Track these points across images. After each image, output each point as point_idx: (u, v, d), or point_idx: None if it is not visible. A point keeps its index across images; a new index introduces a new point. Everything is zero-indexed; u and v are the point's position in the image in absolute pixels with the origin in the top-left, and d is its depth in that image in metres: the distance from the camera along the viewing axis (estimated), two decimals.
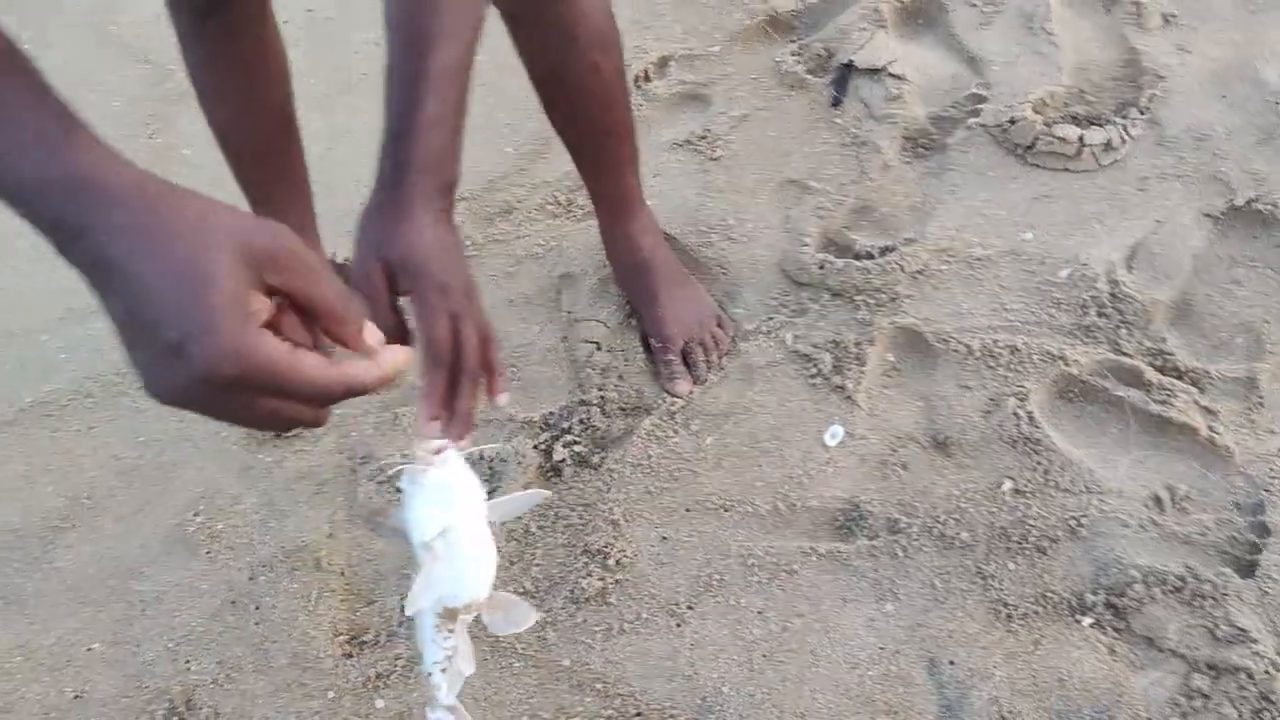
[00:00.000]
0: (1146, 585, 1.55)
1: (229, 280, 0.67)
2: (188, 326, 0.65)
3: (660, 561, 1.69)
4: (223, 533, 1.84)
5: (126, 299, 0.67)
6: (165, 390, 0.68)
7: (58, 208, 0.66)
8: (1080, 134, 2.07)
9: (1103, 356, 1.78)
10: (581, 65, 1.61)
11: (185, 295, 0.65)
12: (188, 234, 0.67)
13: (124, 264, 0.66)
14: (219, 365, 0.66)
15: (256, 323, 0.69)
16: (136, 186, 0.68)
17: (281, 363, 0.69)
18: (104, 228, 0.66)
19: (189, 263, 0.66)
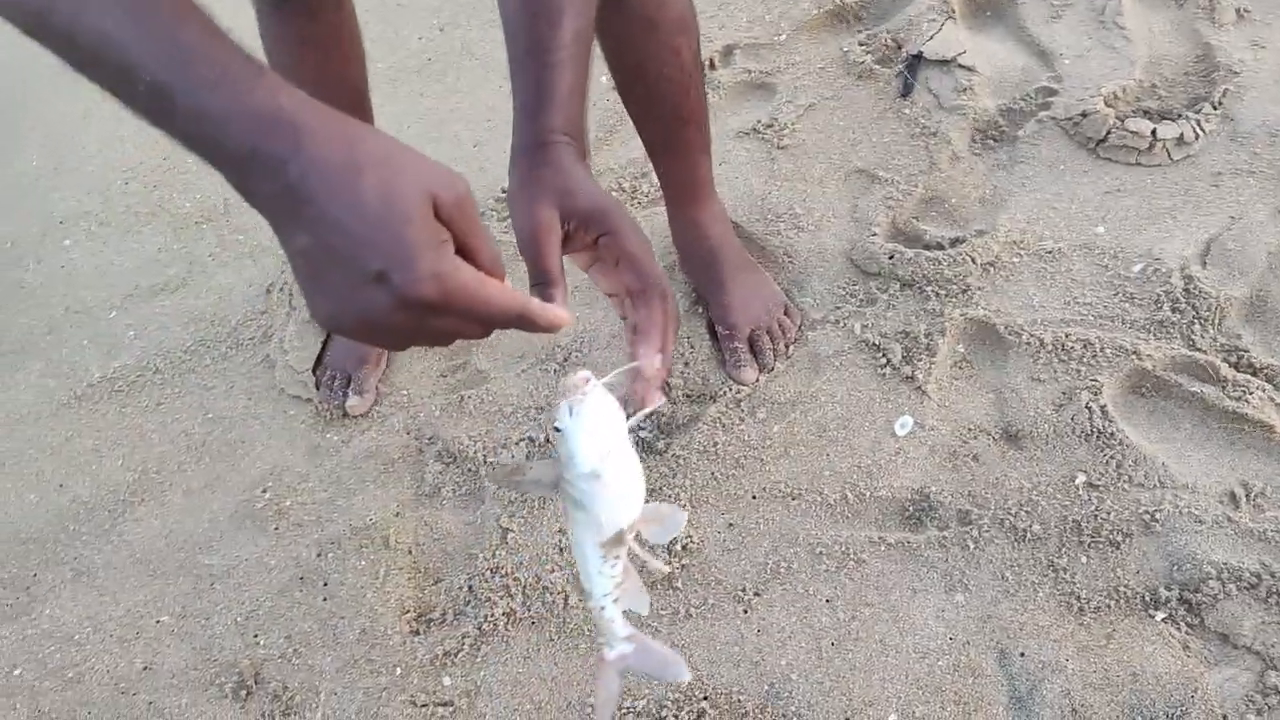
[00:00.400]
0: (1221, 581, 1.53)
1: (424, 214, 0.72)
2: (391, 257, 0.70)
3: (727, 548, 1.69)
4: (290, 509, 1.85)
5: (321, 231, 0.70)
6: (352, 316, 0.73)
7: (253, 140, 0.69)
8: (1153, 128, 2.05)
9: (1176, 352, 1.76)
10: (664, 52, 1.61)
11: (386, 228, 0.70)
12: (384, 171, 0.71)
13: (321, 197, 0.69)
14: (421, 291, 0.71)
15: (449, 251, 0.74)
16: (332, 123, 0.71)
17: (473, 287, 0.74)
18: (302, 160, 0.69)
19: (387, 199, 0.70)
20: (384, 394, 1.97)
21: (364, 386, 1.94)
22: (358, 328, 0.74)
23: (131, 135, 2.58)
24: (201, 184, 2.44)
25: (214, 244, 2.30)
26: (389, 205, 0.70)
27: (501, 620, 1.65)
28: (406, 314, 0.72)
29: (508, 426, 1.87)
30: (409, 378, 1.98)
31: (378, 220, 0.70)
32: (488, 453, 1.83)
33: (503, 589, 1.68)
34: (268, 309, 2.13)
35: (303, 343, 2.01)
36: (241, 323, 2.13)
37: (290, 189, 0.70)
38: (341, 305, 0.73)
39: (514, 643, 1.64)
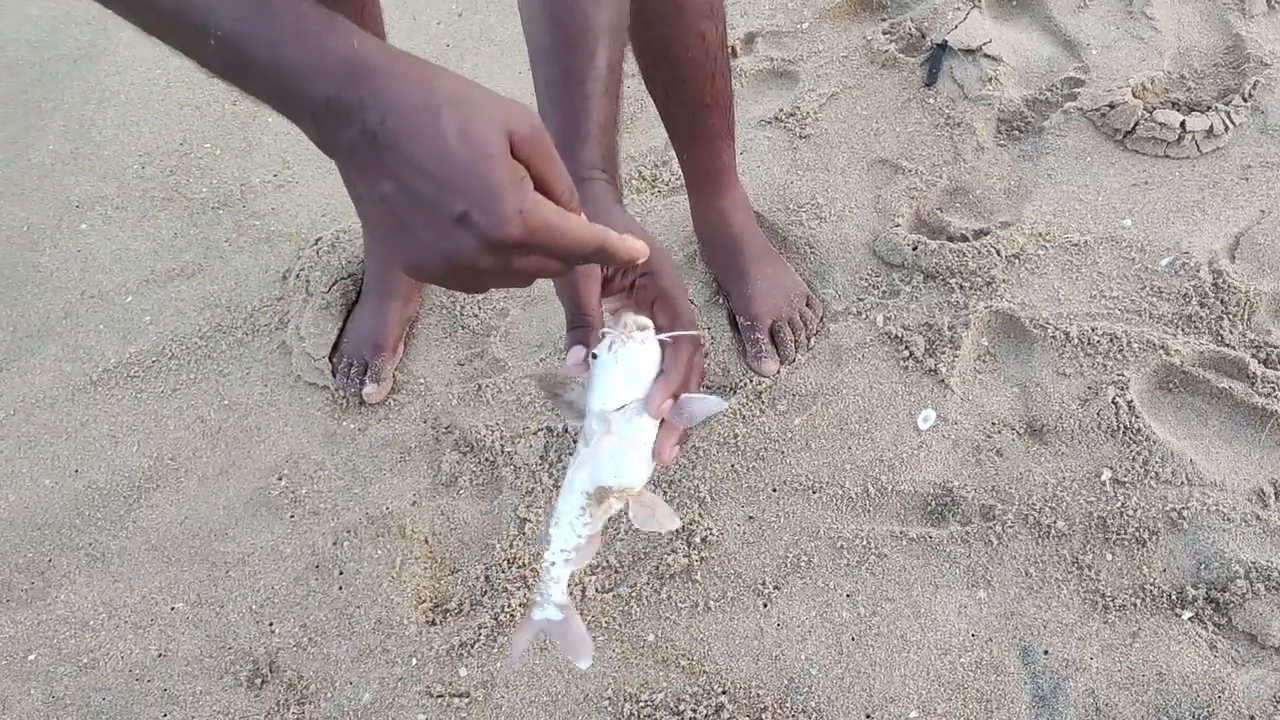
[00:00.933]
0: (1249, 581, 1.51)
1: (503, 152, 0.72)
2: (474, 198, 0.70)
3: (746, 541, 1.68)
4: (306, 497, 1.84)
5: (403, 175, 0.70)
6: (439, 260, 0.73)
7: (332, 87, 0.69)
8: (1182, 120, 2.02)
9: (1205, 347, 1.73)
10: (690, 36, 1.59)
11: (468, 169, 0.70)
12: (462, 110, 0.71)
13: (404, 141, 0.70)
14: (507, 229, 0.71)
15: (530, 189, 0.74)
16: (408, 67, 0.72)
17: (555, 222, 0.75)
18: (381, 105, 0.70)
19: (467, 139, 0.70)
20: (401, 382, 1.95)
21: (381, 374, 1.92)
22: (444, 271, 0.74)
23: (149, 120, 2.57)
24: (218, 169, 2.43)
25: (230, 229, 2.29)
26: (469, 145, 0.70)
27: (518, 611, 1.63)
28: (493, 254, 0.72)
29: (526, 416, 1.86)
30: (426, 365, 1.97)
31: (459, 161, 0.70)
32: (505, 443, 1.81)
33: (519, 580, 1.67)
34: (284, 295, 2.11)
35: (319, 329, 2.00)
36: (258, 309, 2.11)
37: (370, 135, 0.70)
38: (427, 250, 0.73)
39: None
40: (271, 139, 2.47)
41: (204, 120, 2.53)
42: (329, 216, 2.23)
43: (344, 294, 2.04)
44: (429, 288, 2.07)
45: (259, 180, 2.38)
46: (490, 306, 2.02)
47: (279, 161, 2.41)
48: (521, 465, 1.78)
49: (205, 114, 2.55)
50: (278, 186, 2.36)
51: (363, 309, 2.01)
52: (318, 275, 2.07)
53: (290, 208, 2.30)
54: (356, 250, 2.08)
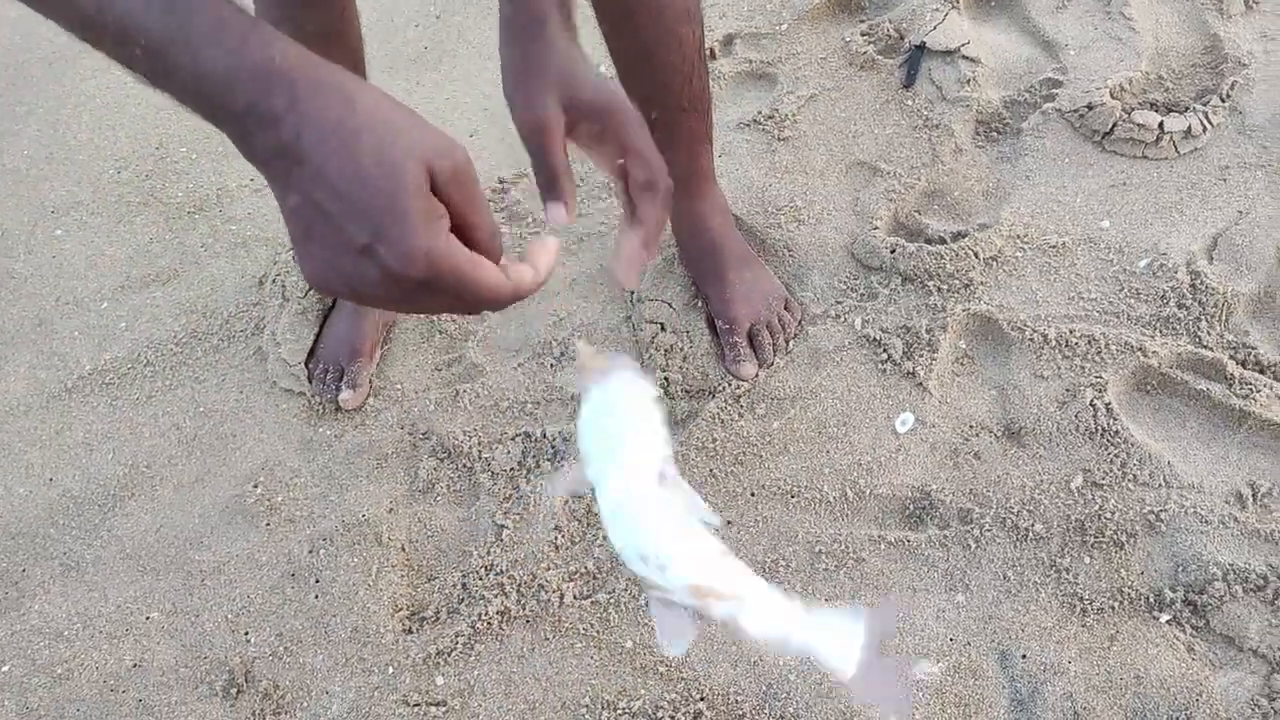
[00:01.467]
0: (1227, 583, 1.51)
1: (419, 187, 0.68)
2: (381, 229, 0.67)
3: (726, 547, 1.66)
4: (282, 505, 1.83)
5: (313, 192, 0.68)
6: (339, 282, 0.70)
7: (250, 96, 0.67)
8: (1160, 121, 2.02)
9: (1183, 349, 1.73)
10: (668, 38, 1.58)
11: (379, 197, 0.67)
12: (382, 135, 0.68)
13: (316, 158, 0.67)
14: (409, 268, 0.68)
15: (444, 229, 0.70)
16: (332, 81, 0.69)
17: (465, 270, 0.71)
18: (298, 118, 0.67)
19: (382, 165, 0.67)
20: (377, 388, 1.94)
21: (357, 380, 1.91)
22: (346, 294, 0.72)
23: (124, 124, 2.55)
24: (194, 173, 2.41)
25: (206, 234, 2.27)
26: (383, 173, 0.67)
27: (496, 619, 1.63)
28: (395, 288, 0.70)
29: (504, 421, 1.85)
30: (403, 371, 1.96)
31: (370, 189, 0.67)
32: (483, 449, 1.80)
33: (497, 587, 1.65)
34: (260, 300, 2.10)
35: (295, 335, 1.98)
36: (234, 315, 2.10)
37: (285, 147, 0.68)
38: (328, 270, 0.70)
39: (508, 641, 1.62)
40: None
41: (180, 124, 2.51)
42: None
43: (320, 299, 2.03)
44: None
45: (235, 184, 2.36)
46: None
47: None
48: (499, 471, 1.77)
49: (181, 118, 2.52)
50: (254, 191, 2.34)
51: (339, 314, 1.99)
52: (294, 280, 2.05)
53: (267, 212, 2.29)
54: None
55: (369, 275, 0.69)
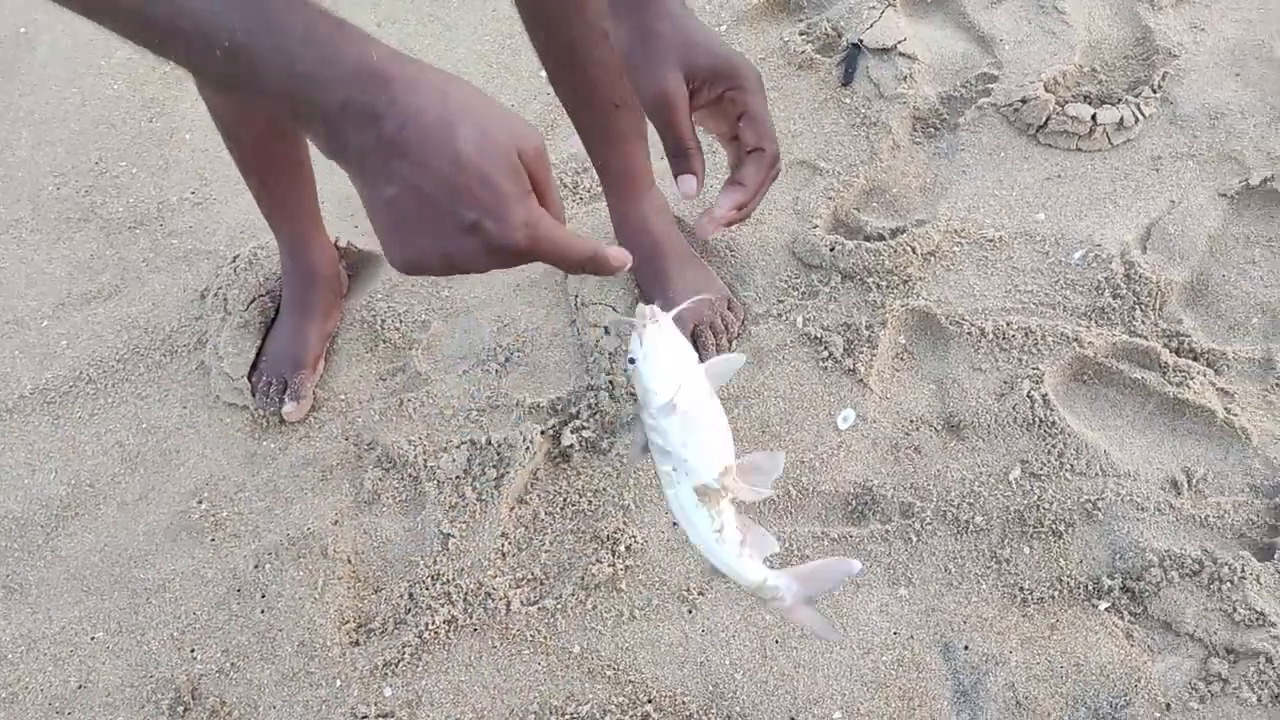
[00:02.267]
0: (1164, 569, 1.53)
1: (515, 166, 0.75)
2: (486, 208, 0.74)
3: (671, 547, 1.67)
4: (227, 520, 1.82)
5: (418, 182, 0.73)
6: (439, 260, 0.76)
7: (347, 93, 0.71)
8: (1093, 113, 2.04)
9: (1118, 338, 1.76)
10: (594, 34, 1.58)
11: (482, 181, 0.73)
12: (477, 124, 0.74)
13: (419, 150, 0.72)
14: (515, 239, 0.75)
15: (535, 202, 0.77)
16: (421, 74, 0.74)
17: (558, 237, 0.78)
18: (400, 114, 0.72)
19: (482, 152, 0.73)
20: (321, 399, 1.93)
21: (300, 392, 1.90)
22: (441, 269, 0.77)
23: (64, 139, 2.52)
24: (135, 187, 2.39)
25: (148, 249, 2.25)
26: (483, 157, 0.73)
27: (443, 628, 1.62)
28: (494, 259, 0.76)
29: (449, 430, 1.84)
30: (347, 382, 1.95)
31: (473, 172, 0.73)
32: (428, 457, 1.80)
33: (444, 596, 1.65)
34: (202, 314, 2.08)
35: (238, 349, 1.97)
36: (176, 329, 2.08)
37: (385, 142, 0.72)
38: (430, 253, 0.76)
39: (456, 650, 1.62)
40: (189, 156, 2.43)
41: (120, 138, 2.49)
42: (247, 233, 2.20)
43: (262, 311, 2.02)
44: (349, 303, 2.05)
45: (176, 198, 2.34)
46: (411, 320, 2.01)
47: (196, 178, 2.37)
48: (444, 480, 1.77)
49: (121, 132, 2.50)
50: (195, 204, 2.32)
51: (281, 326, 1.98)
52: (235, 293, 2.04)
53: (208, 225, 2.27)
54: (274, 266, 2.05)
55: (473, 250, 0.75)
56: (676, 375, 0.89)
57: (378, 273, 2.09)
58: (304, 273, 1.97)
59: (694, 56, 0.97)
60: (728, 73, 0.98)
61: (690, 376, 0.90)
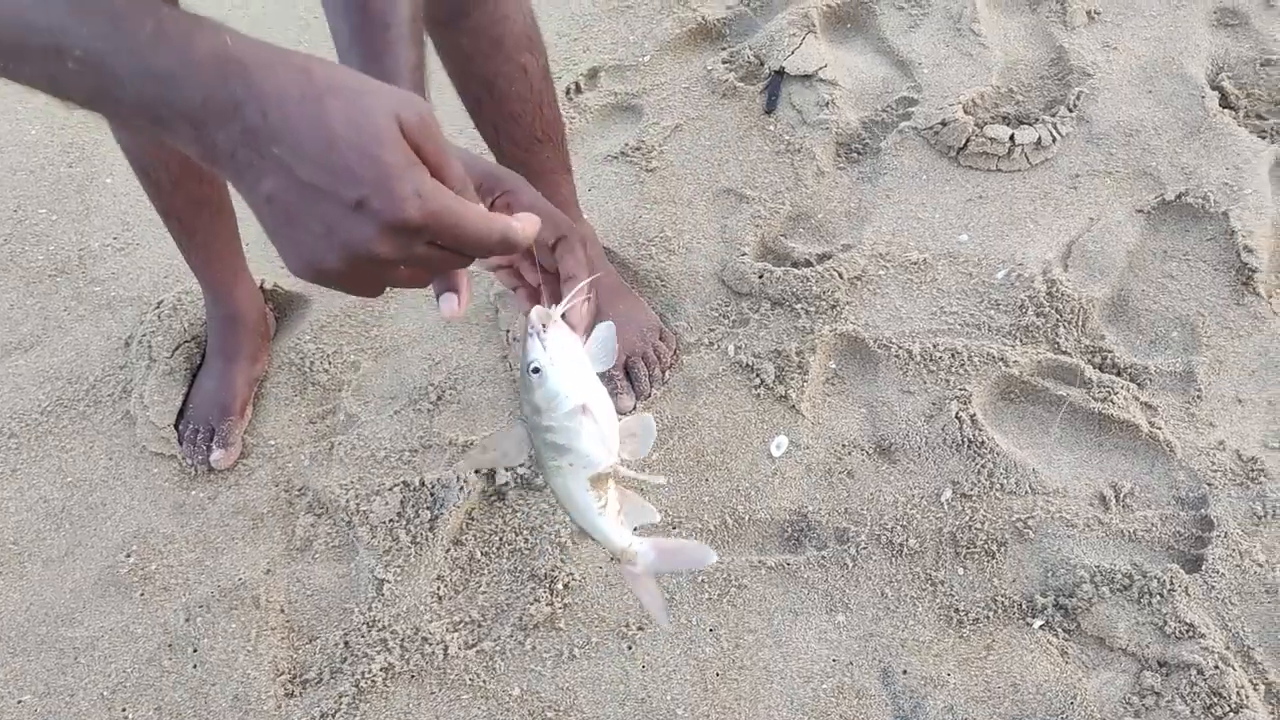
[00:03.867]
0: (1095, 585, 1.55)
1: (395, 138, 0.69)
2: (369, 182, 0.68)
3: (609, 583, 1.66)
4: (156, 573, 1.78)
5: (293, 168, 0.67)
6: (335, 255, 0.70)
7: (205, 88, 0.66)
8: (1011, 134, 2.08)
9: (1042, 356, 1.78)
10: (510, 69, 1.58)
11: (360, 154, 0.67)
12: (346, 97, 0.69)
13: (288, 133, 0.67)
14: (406, 211, 0.68)
15: (427, 173, 0.71)
16: (282, 57, 0.69)
17: (456, 208, 0.72)
18: (260, 99, 0.67)
19: (355, 124, 0.68)
20: (250, 445, 1.90)
21: (229, 439, 1.87)
22: (342, 265, 0.71)
23: None
24: (55, 234, 2.34)
25: (69, 297, 2.21)
26: (357, 130, 0.68)
27: (380, 676, 1.60)
28: (392, 240, 0.70)
29: (381, 472, 1.82)
30: (276, 427, 1.92)
31: (350, 146, 0.67)
32: (360, 501, 1.77)
33: (380, 643, 1.63)
34: (127, 363, 2.04)
35: (163, 396, 1.93)
36: (100, 379, 2.04)
37: (251, 131, 0.67)
38: (322, 244, 0.70)
39: (394, 698, 1.59)
40: (110, 201, 2.39)
41: (39, 185, 2.44)
42: (171, 278, 2.17)
43: (188, 358, 1.99)
44: (276, 345, 2.02)
45: (98, 244, 2.30)
46: (340, 360, 1.98)
47: (119, 224, 2.34)
48: (378, 524, 1.75)
49: (40, 178, 2.46)
50: (118, 250, 2.28)
51: (207, 372, 1.95)
52: (160, 340, 2.01)
53: (131, 271, 2.23)
54: (199, 312, 2.02)
55: (366, 234, 0.69)
56: (584, 377, 0.88)
57: (305, 314, 2.06)
58: (229, 317, 1.94)
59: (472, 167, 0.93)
60: (492, 181, 0.95)
61: (591, 374, 0.89)
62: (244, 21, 2.79)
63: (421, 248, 0.72)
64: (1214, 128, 2.06)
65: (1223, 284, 1.86)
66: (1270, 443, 1.68)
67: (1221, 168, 1.99)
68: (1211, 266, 1.88)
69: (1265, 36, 2.23)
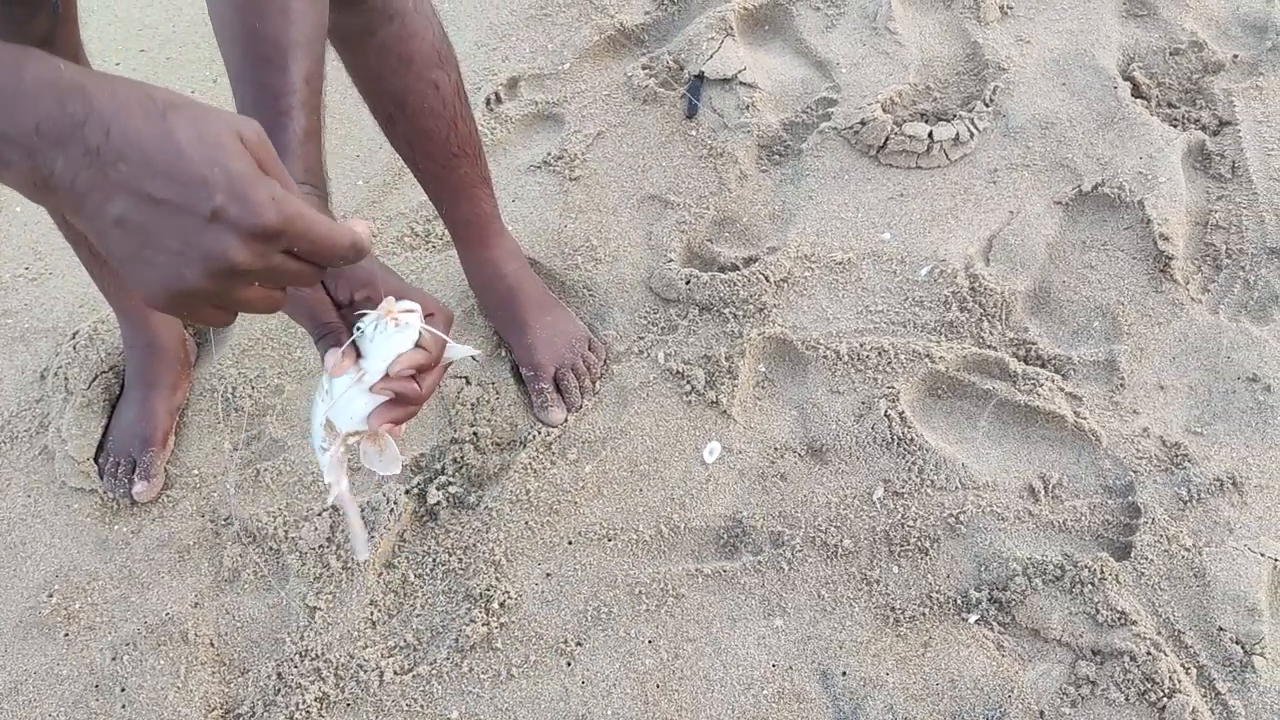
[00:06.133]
0: (1027, 576, 1.56)
1: (241, 149, 0.69)
2: (224, 189, 0.67)
3: (546, 600, 1.65)
4: (80, 612, 1.73)
5: (141, 185, 0.66)
6: (194, 272, 0.69)
7: (39, 112, 0.65)
8: (929, 130, 2.09)
9: (968, 351, 1.79)
10: (421, 85, 1.56)
11: (211, 164, 0.67)
12: (189, 112, 0.68)
13: (134, 149, 0.66)
14: (264, 214, 0.68)
15: (276, 181, 0.71)
16: (119, 81, 0.68)
17: (309, 214, 0.72)
18: (101, 117, 0.65)
19: (202, 137, 0.68)
20: (174, 476, 1.85)
21: (151, 470, 1.82)
22: (202, 283, 0.69)
23: None
24: None
25: None
26: (206, 142, 0.67)
27: (314, 706, 1.57)
28: (250, 248, 0.69)
29: (309, 497, 1.79)
30: (199, 455, 1.88)
31: (200, 158, 0.67)
32: (289, 528, 1.74)
33: (314, 672, 1.60)
34: (43, 396, 1.99)
35: (82, 429, 1.88)
36: (15, 414, 1.98)
37: (94, 152, 0.65)
38: (179, 263, 0.68)
39: None
40: (20, 230, 2.33)
41: None
42: (86, 307, 2.11)
43: (106, 389, 1.94)
44: (197, 372, 1.98)
45: (9, 275, 2.24)
46: (263, 385, 1.94)
47: (30, 253, 2.27)
48: (308, 550, 1.72)
49: None
50: (30, 280, 2.22)
51: (127, 403, 1.90)
52: (76, 371, 1.95)
53: (45, 302, 2.17)
54: (117, 341, 1.97)
55: (225, 243, 0.68)
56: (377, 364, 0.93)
57: (225, 339, 2.02)
58: (146, 345, 1.90)
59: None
60: (361, 275, 0.96)
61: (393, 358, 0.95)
62: (165, 66, 2.73)
63: (278, 257, 0.72)
64: (1127, 118, 2.09)
65: (1141, 272, 1.88)
66: (1192, 427, 1.70)
67: (1135, 157, 2.02)
68: (1130, 255, 1.91)
69: (1174, 26, 2.27)
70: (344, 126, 2.39)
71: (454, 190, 1.78)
